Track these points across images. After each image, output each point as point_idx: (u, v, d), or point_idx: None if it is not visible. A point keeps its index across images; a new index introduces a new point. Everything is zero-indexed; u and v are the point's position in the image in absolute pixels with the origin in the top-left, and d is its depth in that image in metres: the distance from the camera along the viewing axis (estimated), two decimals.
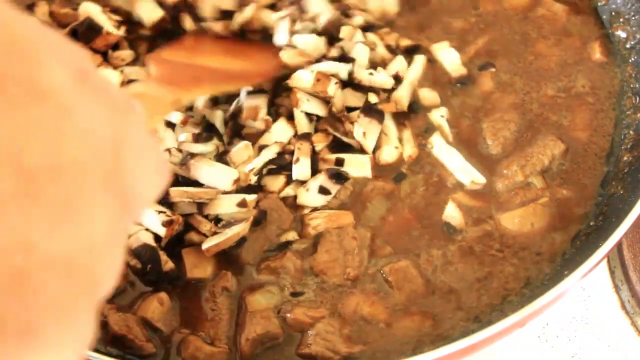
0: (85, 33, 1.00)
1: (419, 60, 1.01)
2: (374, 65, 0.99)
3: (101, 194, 0.34)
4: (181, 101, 0.83)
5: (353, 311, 0.82)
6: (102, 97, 0.37)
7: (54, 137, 0.33)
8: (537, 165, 0.92)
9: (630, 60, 1.01)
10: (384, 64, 1.00)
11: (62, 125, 0.33)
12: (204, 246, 0.83)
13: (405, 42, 1.03)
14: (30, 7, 1.08)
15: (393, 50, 1.03)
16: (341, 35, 1.00)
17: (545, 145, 0.94)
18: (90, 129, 0.35)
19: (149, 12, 1.04)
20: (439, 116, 0.96)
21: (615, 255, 0.95)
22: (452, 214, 0.88)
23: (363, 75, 0.95)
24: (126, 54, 1.02)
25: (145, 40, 1.03)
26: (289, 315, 0.81)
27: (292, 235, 0.87)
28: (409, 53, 1.02)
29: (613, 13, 1.05)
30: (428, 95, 0.98)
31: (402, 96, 0.96)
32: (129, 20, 1.05)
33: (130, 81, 0.96)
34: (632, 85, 0.99)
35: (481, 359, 0.80)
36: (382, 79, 0.96)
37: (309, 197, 0.89)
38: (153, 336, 0.81)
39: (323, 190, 0.89)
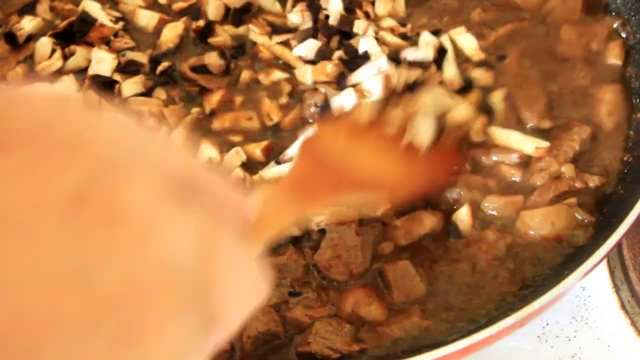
0: (79, 26, 1.02)
1: (445, 38, 1.02)
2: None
3: (173, 318, 0.33)
4: (305, 217, 0.75)
5: (352, 310, 0.82)
6: (194, 211, 0.35)
7: (127, 262, 0.32)
8: (568, 152, 0.91)
9: (630, 60, 1.01)
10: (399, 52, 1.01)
11: (137, 250, 0.32)
12: None
13: (424, 30, 1.04)
14: (32, 4, 1.09)
15: (407, 38, 1.03)
16: (355, 29, 1.00)
17: (571, 132, 0.93)
18: (170, 251, 0.33)
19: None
20: (499, 99, 0.96)
21: (615, 255, 0.95)
22: (462, 217, 0.88)
23: (409, 54, 0.96)
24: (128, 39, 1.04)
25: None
26: (288, 314, 0.81)
27: (296, 231, 0.87)
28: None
29: (613, 13, 1.05)
30: (483, 76, 0.98)
31: (453, 74, 0.96)
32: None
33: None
34: (632, 85, 0.99)
35: (481, 359, 0.80)
36: (422, 53, 0.97)
37: None
38: None
39: None
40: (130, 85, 0.98)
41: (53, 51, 1.02)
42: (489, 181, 0.91)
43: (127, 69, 1.00)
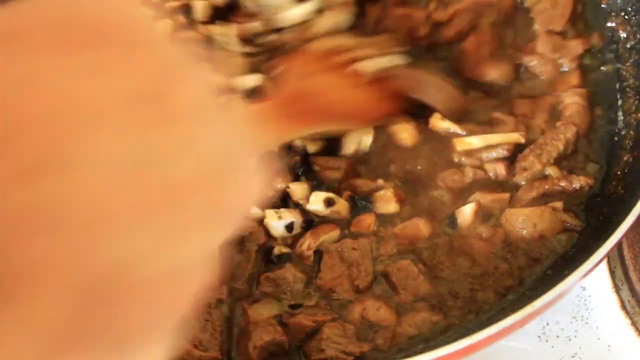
0: None
1: None
2: None
3: (205, 214, 0.35)
4: (282, 140, 0.80)
5: (361, 317, 0.82)
6: (223, 121, 0.38)
7: (178, 156, 0.33)
8: (552, 152, 0.91)
9: (630, 60, 1.01)
10: None
11: (188, 146, 0.34)
12: None
13: None
14: None
15: None
16: None
17: (556, 130, 0.93)
18: (209, 152, 0.35)
19: None
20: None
21: (615, 255, 0.95)
22: (465, 213, 0.88)
23: None
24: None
25: None
26: (291, 320, 0.81)
27: (285, 249, 0.86)
28: None
29: (613, 13, 1.05)
30: None
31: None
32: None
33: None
34: (632, 85, 0.99)
35: (481, 359, 0.80)
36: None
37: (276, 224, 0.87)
38: None
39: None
40: None
41: None
42: (472, 180, 0.91)
43: None
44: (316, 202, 0.88)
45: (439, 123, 0.94)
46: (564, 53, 1.01)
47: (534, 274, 0.85)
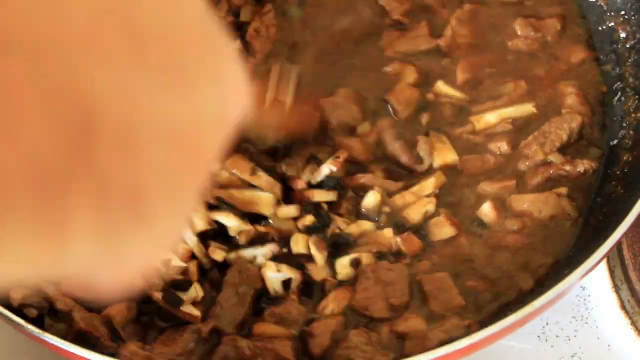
0: None
1: None
2: None
3: (205, 68, 0.34)
4: None
5: (390, 331, 0.80)
6: None
7: (164, 7, 0.32)
8: (556, 142, 0.91)
9: (630, 60, 1.01)
10: None
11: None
12: None
13: None
14: None
15: None
16: None
17: (562, 118, 0.93)
18: (198, 11, 0.34)
19: None
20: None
21: (615, 255, 0.95)
22: (487, 212, 0.88)
23: None
24: None
25: None
26: (314, 329, 0.79)
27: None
28: None
29: (613, 12, 1.05)
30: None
31: None
32: None
33: None
34: (632, 85, 0.99)
35: (481, 359, 0.80)
36: None
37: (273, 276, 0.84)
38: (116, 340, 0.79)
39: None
40: None
41: None
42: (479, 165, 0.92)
43: None
44: (342, 270, 0.84)
45: (443, 88, 0.96)
46: (545, 31, 1.01)
47: (563, 250, 0.86)
